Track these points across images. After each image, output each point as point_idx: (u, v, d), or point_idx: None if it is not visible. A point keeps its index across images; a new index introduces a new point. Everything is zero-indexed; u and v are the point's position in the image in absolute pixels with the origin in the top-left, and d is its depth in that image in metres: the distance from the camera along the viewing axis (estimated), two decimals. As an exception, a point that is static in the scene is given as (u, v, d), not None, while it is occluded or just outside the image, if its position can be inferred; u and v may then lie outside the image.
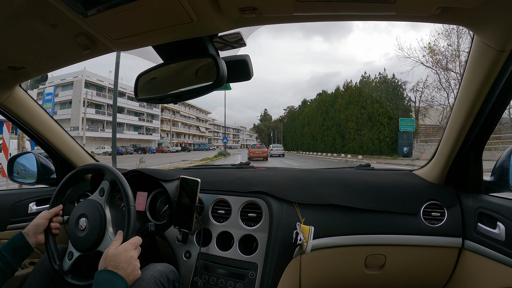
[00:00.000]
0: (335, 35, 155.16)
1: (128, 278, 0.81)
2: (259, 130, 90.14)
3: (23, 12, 0.70)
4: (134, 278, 0.84)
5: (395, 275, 1.22)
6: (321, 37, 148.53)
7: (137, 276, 0.85)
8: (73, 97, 37.32)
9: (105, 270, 0.80)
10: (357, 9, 0.64)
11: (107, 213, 0.98)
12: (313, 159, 24.37)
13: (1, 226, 1.34)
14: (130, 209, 0.94)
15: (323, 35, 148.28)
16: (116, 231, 0.96)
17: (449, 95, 19.96)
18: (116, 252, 0.84)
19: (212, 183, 1.29)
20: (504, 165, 1.01)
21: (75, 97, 37.20)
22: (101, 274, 0.79)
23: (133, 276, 0.83)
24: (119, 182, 0.98)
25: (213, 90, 0.80)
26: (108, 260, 0.82)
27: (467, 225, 1.10)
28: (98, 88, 40.35)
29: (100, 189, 1.01)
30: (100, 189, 1.00)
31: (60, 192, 1.09)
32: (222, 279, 1.06)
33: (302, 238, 1.05)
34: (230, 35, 0.76)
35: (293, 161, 20.53)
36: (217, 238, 1.15)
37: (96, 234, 0.95)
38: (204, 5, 0.63)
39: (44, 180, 1.55)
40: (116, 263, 0.81)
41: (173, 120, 58.46)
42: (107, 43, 0.79)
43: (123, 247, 0.86)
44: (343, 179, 1.31)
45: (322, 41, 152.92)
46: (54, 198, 1.08)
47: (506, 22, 0.67)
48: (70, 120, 36.72)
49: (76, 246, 0.97)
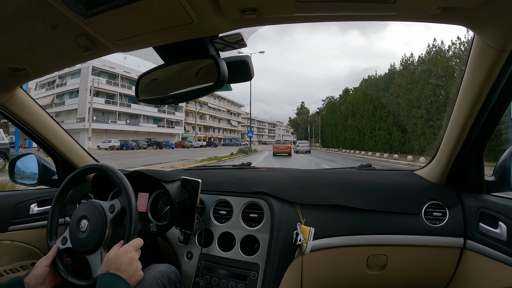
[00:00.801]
0: (371, 29, 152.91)
1: (130, 280, 0.81)
2: (295, 124, 78.83)
3: (23, 13, 0.71)
4: (137, 279, 0.84)
5: (397, 275, 1.22)
6: (357, 31, 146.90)
7: (140, 277, 0.85)
8: (80, 85, 33.41)
9: (108, 273, 0.80)
10: (357, 10, 0.64)
11: (108, 232, 0.97)
12: (361, 160, 16.44)
13: (3, 227, 1.34)
14: (132, 210, 0.94)
15: (359, 29, 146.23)
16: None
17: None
18: (116, 254, 0.84)
19: (213, 183, 1.29)
20: (506, 165, 1.01)
21: (82, 85, 33.24)
22: (104, 277, 0.79)
23: (136, 278, 0.83)
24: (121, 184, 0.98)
25: (214, 91, 0.80)
26: (109, 263, 0.82)
27: (468, 225, 1.10)
28: (110, 75, 36.38)
29: (110, 205, 0.99)
30: (111, 205, 0.99)
31: (62, 193, 1.09)
32: (223, 280, 1.06)
33: (302, 239, 1.05)
34: (230, 36, 0.76)
35: (329, 162, 15.57)
36: (219, 239, 1.15)
37: (97, 236, 0.95)
38: (205, 6, 0.63)
39: (45, 181, 1.56)
40: (118, 265, 0.81)
41: (199, 112, 52.73)
42: (107, 44, 0.79)
43: (123, 249, 0.86)
44: (344, 179, 1.31)
45: (359, 36, 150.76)
46: (56, 199, 1.08)
47: (506, 21, 0.67)
48: (76, 111, 33.28)
49: (77, 247, 0.98)
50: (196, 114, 50.80)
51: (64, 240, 1.01)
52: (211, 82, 0.76)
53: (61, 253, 1.01)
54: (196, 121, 50.86)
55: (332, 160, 17.37)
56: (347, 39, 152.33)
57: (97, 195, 1.29)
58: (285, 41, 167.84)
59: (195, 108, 50.77)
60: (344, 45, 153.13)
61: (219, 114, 62.21)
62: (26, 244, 1.40)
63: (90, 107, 30.67)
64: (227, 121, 65.76)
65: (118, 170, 1.03)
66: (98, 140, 31.83)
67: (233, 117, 69.64)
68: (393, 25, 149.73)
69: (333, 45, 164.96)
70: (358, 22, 0.75)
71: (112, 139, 31.88)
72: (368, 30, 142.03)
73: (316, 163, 15.08)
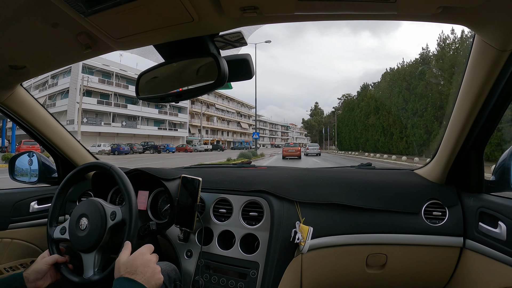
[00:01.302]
0: (382, 29, 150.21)
1: (149, 283, 0.74)
2: (308, 126, 74.67)
3: (24, 11, 0.71)
4: (157, 283, 0.76)
5: (397, 274, 1.22)
6: (368, 32, 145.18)
7: (160, 281, 0.77)
8: (70, 85, 30.47)
9: (122, 278, 0.74)
10: (358, 9, 0.64)
11: (106, 237, 0.96)
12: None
13: (3, 225, 1.35)
14: (132, 209, 0.94)
15: (370, 30, 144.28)
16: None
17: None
18: (131, 257, 0.78)
19: (213, 182, 1.29)
20: (506, 165, 1.01)
21: (72, 84, 30.17)
22: (117, 283, 0.72)
23: (155, 281, 0.75)
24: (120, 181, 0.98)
25: (215, 89, 0.80)
26: (123, 267, 0.76)
27: (468, 224, 1.10)
28: (104, 74, 33.68)
29: (112, 212, 0.98)
30: (112, 212, 0.98)
31: (62, 191, 1.09)
32: (223, 278, 1.06)
33: (300, 238, 1.05)
34: (231, 34, 0.76)
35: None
36: (219, 237, 1.15)
37: (95, 236, 0.95)
38: (205, 5, 0.63)
39: (45, 179, 1.56)
40: (133, 268, 0.75)
41: (205, 113, 48.99)
42: (108, 42, 0.79)
43: (139, 251, 0.80)
44: (344, 178, 1.31)
45: (371, 36, 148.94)
46: (56, 197, 1.08)
47: (507, 21, 0.67)
48: (66, 113, 30.63)
49: (76, 245, 0.98)
50: (201, 115, 47.06)
51: (63, 230, 1.02)
52: (212, 80, 0.76)
53: (57, 242, 1.02)
54: (201, 123, 47.06)
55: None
56: (359, 40, 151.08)
57: (97, 193, 1.30)
58: (297, 43, 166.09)
59: (201, 109, 47.22)
60: (357, 47, 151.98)
61: (228, 116, 58.66)
62: (26, 242, 1.40)
63: (79, 107, 27.59)
64: (236, 124, 62.59)
65: (118, 168, 1.03)
66: (90, 143, 28.94)
67: (243, 119, 66.13)
68: (405, 24, 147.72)
69: (346, 47, 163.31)
70: (369, 22, 0.74)
71: (102, 143, 29.09)
72: (380, 31, 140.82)
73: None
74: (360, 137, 31.01)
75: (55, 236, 1.02)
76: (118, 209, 0.98)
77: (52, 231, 1.03)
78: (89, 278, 0.92)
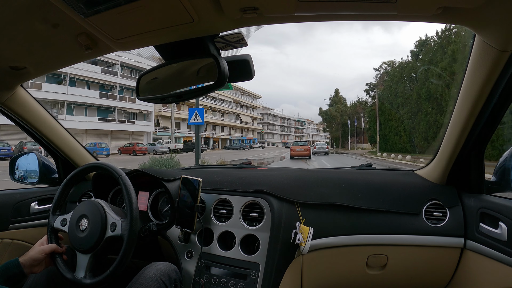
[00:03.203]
0: (394, 24, 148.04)
1: None
2: (328, 117, 52.76)
3: (24, 12, 0.71)
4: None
5: (397, 275, 1.22)
6: (380, 28, 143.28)
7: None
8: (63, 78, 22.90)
9: None
10: (358, 9, 0.64)
11: (103, 245, 0.97)
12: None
13: (3, 226, 1.35)
14: (133, 209, 0.94)
15: (382, 25, 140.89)
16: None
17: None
18: None
19: (213, 182, 1.29)
20: (506, 165, 1.00)
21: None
22: None
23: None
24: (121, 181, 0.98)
25: (215, 90, 0.80)
26: None
27: (469, 225, 1.10)
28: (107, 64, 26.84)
29: (112, 223, 0.98)
30: (112, 223, 0.98)
31: (63, 192, 1.09)
32: (224, 279, 1.06)
33: (301, 238, 1.05)
34: (231, 35, 0.76)
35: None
36: (219, 238, 1.15)
37: (94, 239, 0.95)
38: (205, 5, 0.63)
39: (46, 180, 1.56)
40: None
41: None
42: (108, 43, 0.79)
43: None
44: (345, 179, 1.31)
45: (383, 32, 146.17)
46: (57, 197, 1.08)
47: (507, 22, 0.67)
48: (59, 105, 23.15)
49: (76, 246, 0.98)
50: (172, 104, 28.54)
51: (64, 221, 1.03)
52: (212, 81, 0.76)
53: (56, 231, 1.04)
54: (172, 114, 31.78)
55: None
56: (370, 36, 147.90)
57: (97, 194, 1.30)
58: (311, 40, 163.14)
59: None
60: (372, 44, 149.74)
61: (223, 106, 43.03)
62: (26, 242, 1.40)
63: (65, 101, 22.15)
64: (235, 116, 47.60)
65: (119, 169, 1.04)
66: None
67: (244, 111, 49.69)
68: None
69: (361, 44, 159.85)
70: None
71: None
72: (392, 27, 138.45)
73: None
74: (429, 131, 18.37)
75: (56, 225, 1.03)
76: (119, 222, 0.98)
77: (53, 220, 1.04)
78: (80, 280, 0.93)
